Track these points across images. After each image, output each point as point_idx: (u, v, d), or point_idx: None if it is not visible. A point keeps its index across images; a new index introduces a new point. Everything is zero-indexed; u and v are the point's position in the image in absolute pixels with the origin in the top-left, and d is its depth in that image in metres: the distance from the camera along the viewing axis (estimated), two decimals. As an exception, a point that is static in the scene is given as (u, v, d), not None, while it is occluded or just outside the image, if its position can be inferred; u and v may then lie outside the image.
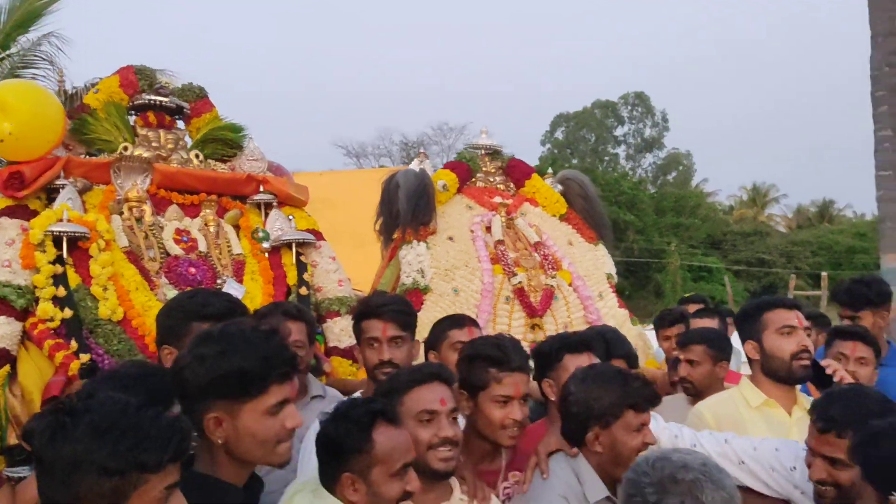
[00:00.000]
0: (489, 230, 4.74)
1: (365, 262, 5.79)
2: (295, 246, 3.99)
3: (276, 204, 4.11)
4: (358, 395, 2.66)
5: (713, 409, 2.78)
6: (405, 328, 2.94)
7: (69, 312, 3.31)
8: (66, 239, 3.41)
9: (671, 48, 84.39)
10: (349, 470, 1.90)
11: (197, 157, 4.01)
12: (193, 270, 3.69)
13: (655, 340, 4.76)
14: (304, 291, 3.86)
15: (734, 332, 3.35)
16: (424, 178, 4.61)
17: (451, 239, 4.66)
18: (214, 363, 1.78)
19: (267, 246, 3.93)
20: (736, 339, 3.24)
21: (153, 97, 3.94)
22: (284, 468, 1.91)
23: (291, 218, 4.07)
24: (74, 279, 3.40)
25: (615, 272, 5.10)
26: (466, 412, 2.45)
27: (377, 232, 4.72)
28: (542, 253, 4.74)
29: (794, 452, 2.32)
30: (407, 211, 4.45)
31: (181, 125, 4.14)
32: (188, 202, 3.94)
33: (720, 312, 4.59)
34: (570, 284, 4.71)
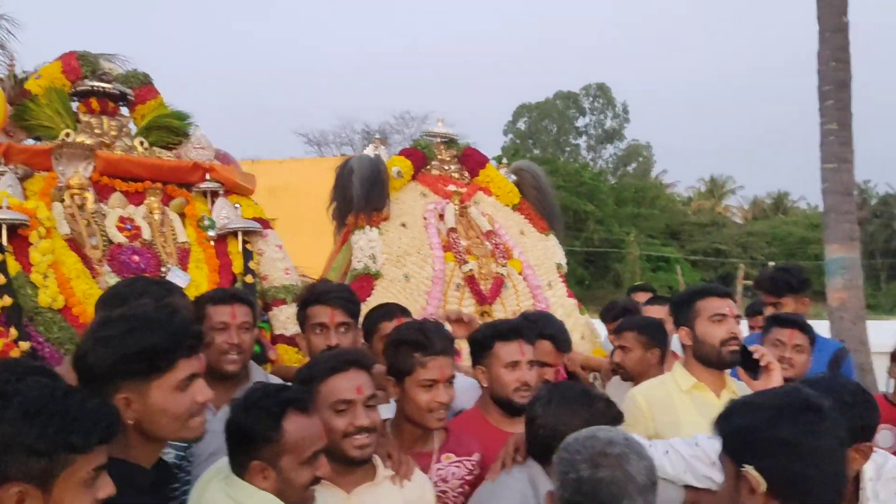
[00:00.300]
0: (442, 218, 4.79)
1: (325, 250, 5.78)
2: (241, 234, 3.97)
3: (222, 192, 4.08)
4: None
5: (646, 392, 2.86)
6: (352, 315, 3.00)
7: (8, 300, 3.26)
8: (5, 226, 3.35)
9: (633, 39, 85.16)
10: (259, 458, 1.89)
11: (141, 144, 3.96)
12: (137, 258, 3.66)
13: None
14: (249, 279, 3.85)
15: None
16: (379, 164, 4.63)
17: (403, 225, 4.69)
18: (119, 343, 1.77)
19: (212, 234, 3.91)
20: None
21: (96, 83, 3.87)
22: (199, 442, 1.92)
23: (238, 206, 4.05)
24: (14, 267, 3.35)
25: (565, 262, 5.17)
26: (395, 397, 2.48)
27: (331, 217, 4.73)
28: (493, 242, 4.79)
29: None
30: (360, 196, 4.46)
31: (126, 112, 4.08)
32: (132, 190, 3.88)
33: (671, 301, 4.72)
34: (520, 273, 4.78)
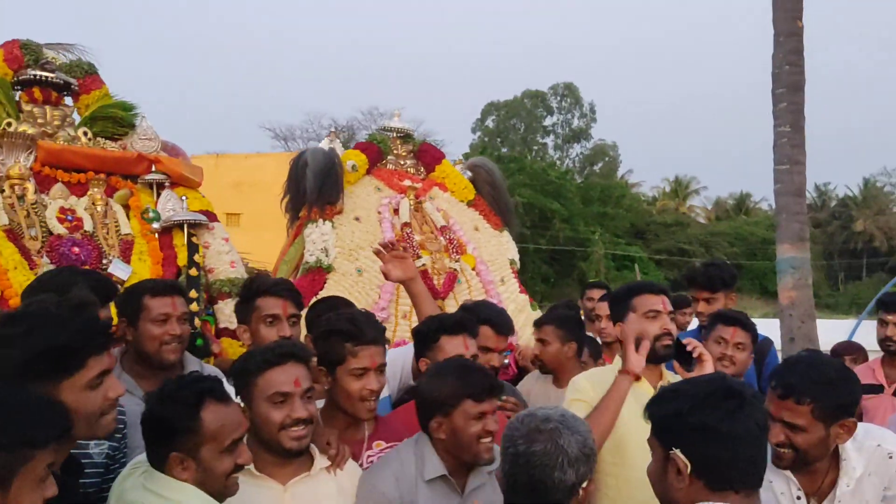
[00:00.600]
0: (397, 212, 4.80)
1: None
2: (187, 227, 3.94)
3: (168, 184, 4.04)
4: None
5: (591, 378, 2.92)
6: (299, 308, 3.04)
7: (-55, 291, 3.20)
8: (-59, 215, 3.29)
9: (601, 40, 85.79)
10: (177, 449, 1.88)
11: (85, 134, 3.90)
12: (77, 250, 3.61)
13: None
14: (193, 272, 3.83)
15: None
16: (333, 157, 4.63)
17: (357, 219, 4.70)
18: (24, 343, 1.69)
19: (157, 226, 3.87)
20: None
21: (38, 72, 3.80)
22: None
23: (184, 198, 4.01)
24: (-49, 257, 3.28)
25: (518, 258, 5.23)
26: (326, 387, 2.50)
27: (283, 210, 4.71)
28: (447, 237, 4.83)
29: None
30: (314, 189, 4.46)
31: (70, 102, 4.01)
32: (75, 181, 3.83)
33: None
34: (473, 269, 4.82)
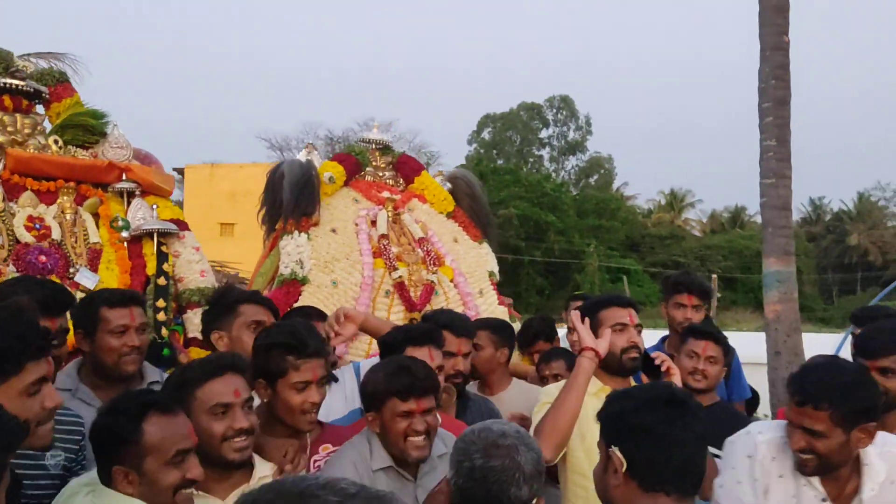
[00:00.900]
0: (374, 224, 4.76)
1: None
2: (157, 236, 3.91)
3: (139, 192, 4.02)
4: None
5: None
6: (277, 319, 3.06)
7: None
8: None
9: (596, 53, 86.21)
10: (120, 463, 1.88)
11: (56, 142, 3.88)
12: (44, 258, 3.58)
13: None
14: (161, 282, 3.80)
15: None
16: (310, 168, 4.61)
17: (334, 231, 4.66)
18: None
19: (126, 235, 3.85)
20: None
21: (8, 80, 3.78)
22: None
23: (155, 207, 3.99)
24: (-85, 265, 3.26)
25: (498, 270, 5.19)
26: (265, 399, 2.48)
27: (260, 222, 4.69)
28: (425, 249, 4.78)
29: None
30: (290, 201, 4.43)
31: (41, 110, 4.01)
32: (44, 189, 3.80)
33: None
34: (451, 280, 4.77)
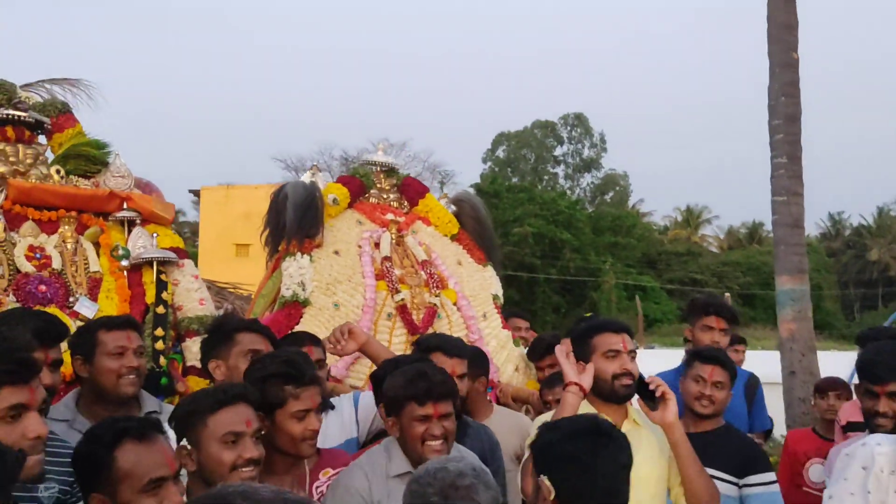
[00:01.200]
0: (378, 246, 4.74)
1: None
2: (156, 264, 3.91)
3: (139, 221, 4.02)
4: None
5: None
6: (275, 347, 3.05)
7: None
8: None
9: (609, 70, 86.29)
10: (97, 490, 1.89)
11: (58, 172, 3.90)
12: (44, 288, 3.60)
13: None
14: (160, 310, 3.79)
15: None
16: (314, 190, 4.59)
17: (336, 253, 4.64)
18: None
19: (126, 264, 3.86)
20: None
21: (10, 111, 3.83)
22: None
23: (155, 235, 4.00)
24: (-88, 297, 3.28)
25: (502, 293, 5.15)
26: (263, 431, 2.44)
27: (263, 243, 4.69)
28: (428, 271, 4.75)
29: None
30: (293, 222, 4.42)
31: (44, 140, 4.04)
32: (46, 218, 3.81)
33: None
34: (454, 303, 4.74)
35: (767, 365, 7.69)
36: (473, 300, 4.88)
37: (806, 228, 8.62)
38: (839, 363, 9.75)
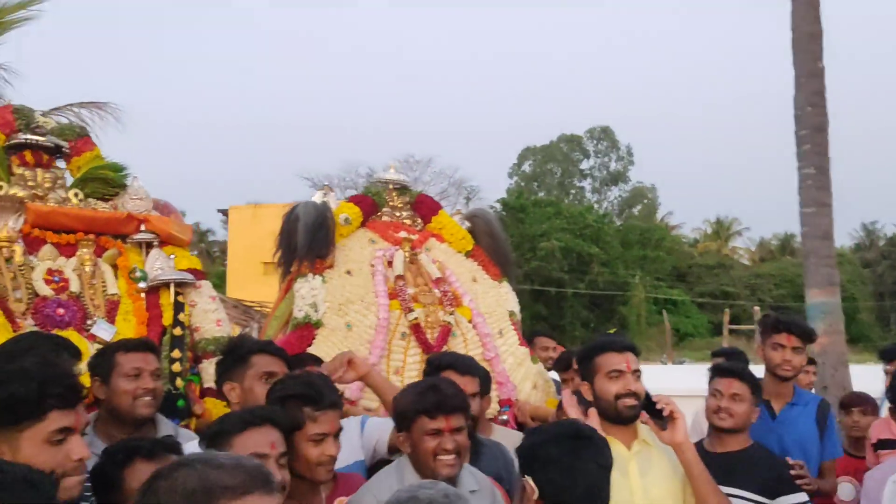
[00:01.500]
0: (391, 265, 4.70)
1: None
2: (174, 286, 3.93)
3: (157, 243, 4.06)
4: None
5: None
6: (290, 369, 3.04)
7: (-73, 354, 3.23)
8: (-75, 279, 3.35)
9: (637, 83, 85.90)
10: None
11: (76, 195, 3.95)
12: (62, 311, 3.62)
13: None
14: (178, 332, 3.79)
15: None
16: (325, 210, 4.57)
17: (349, 273, 4.60)
18: None
19: (143, 286, 3.88)
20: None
21: (29, 136, 3.89)
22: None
23: (172, 257, 4.03)
24: (-68, 321, 3.33)
25: (518, 310, 5.07)
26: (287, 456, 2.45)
27: (276, 265, 4.69)
28: (442, 289, 4.68)
29: None
30: (304, 243, 4.41)
31: (62, 164, 4.10)
32: (64, 241, 3.85)
33: None
34: (469, 321, 4.65)
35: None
36: (489, 317, 4.79)
37: (839, 239, 8.46)
38: (876, 376, 9.52)
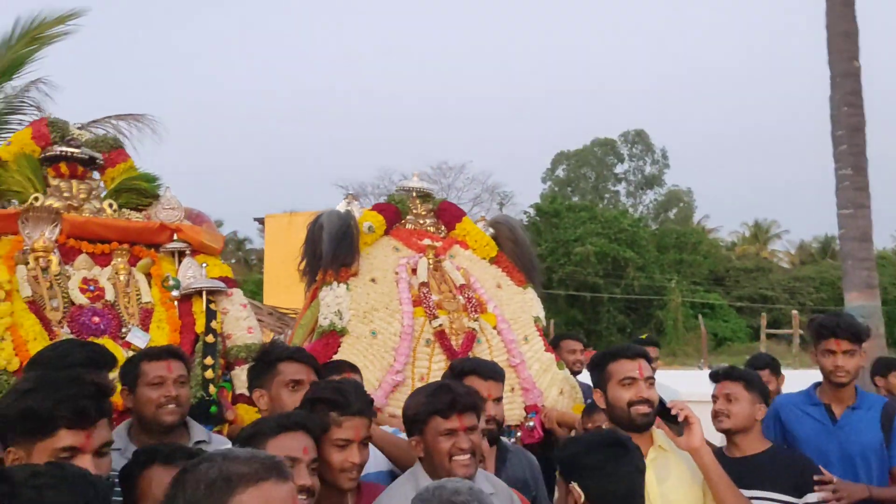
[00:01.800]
0: (415, 272, 4.73)
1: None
2: (206, 294, 3.99)
3: (189, 252, 4.13)
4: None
5: None
6: (318, 375, 3.09)
7: (-35, 363, 3.32)
8: (-36, 290, 3.44)
9: (671, 86, 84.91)
10: None
11: (110, 206, 4.04)
12: (97, 319, 3.70)
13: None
14: (210, 339, 3.84)
15: None
16: (348, 219, 4.62)
17: (373, 280, 4.64)
18: (16, 400, 1.95)
19: (176, 294, 3.96)
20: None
21: (64, 148, 3.99)
22: None
23: (205, 265, 4.09)
24: (-28, 330, 3.42)
25: (544, 315, 5.04)
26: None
27: (301, 274, 4.74)
28: (466, 296, 4.70)
29: None
30: (328, 252, 4.46)
31: (97, 175, 4.19)
32: (99, 251, 3.94)
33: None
34: (494, 327, 4.66)
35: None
36: (514, 323, 4.79)
37: (880, 241, 8.30)
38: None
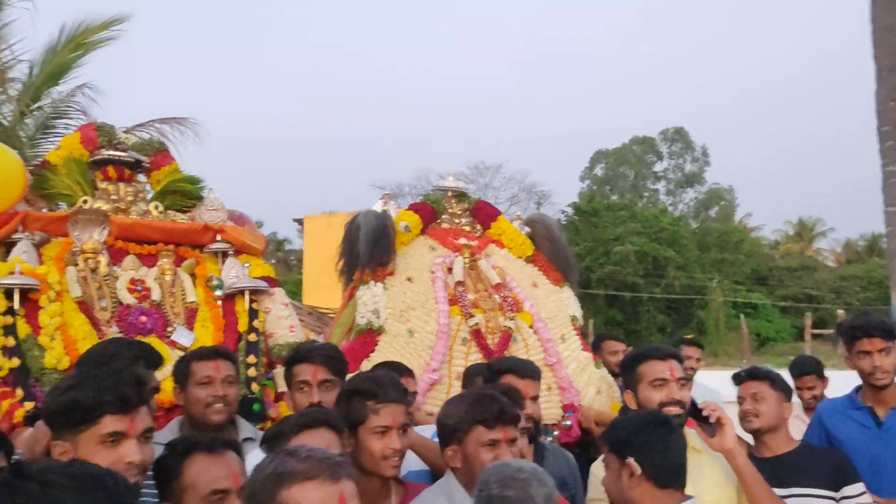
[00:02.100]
0: (451, 271, 4.77)
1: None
2: (248, 293, 4.08)
3: (232, 252, 4.22)
4: None
5: None
6: (335, 373, 3.08)
7: (16, 361, 3.44)
8: (17, 291, 3.56)
9: (710, 82, 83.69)
10: (168, 498, 2.04)
11: (156, 208, 4.16)
12: (144, 319, 3.82)
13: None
14: (252, 338, 3.94)
15: None
16: (385, 219, 4.69)
17: (410, 280, 4.69)
18: (61, 394, 2.01)
19: (220, 293, 4.05)
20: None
21: (111, 152, 4.12)
22: None
23: (247, 265, 4.17)
24: (24, 329, 3.53)
25: (580, 314, 5.03)
26: (349, 450, 2.48)
27: (338, 273, 4.81)
28: (502, 295, 4.72)
29: None
30: (365, 251, 4.53)
31: (143, 178, 4.31)
32: (146, 252, 4.06)
33: None
34: (530, 326, 4.67)
35: None
36: (550, 322, 4.79)
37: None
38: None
